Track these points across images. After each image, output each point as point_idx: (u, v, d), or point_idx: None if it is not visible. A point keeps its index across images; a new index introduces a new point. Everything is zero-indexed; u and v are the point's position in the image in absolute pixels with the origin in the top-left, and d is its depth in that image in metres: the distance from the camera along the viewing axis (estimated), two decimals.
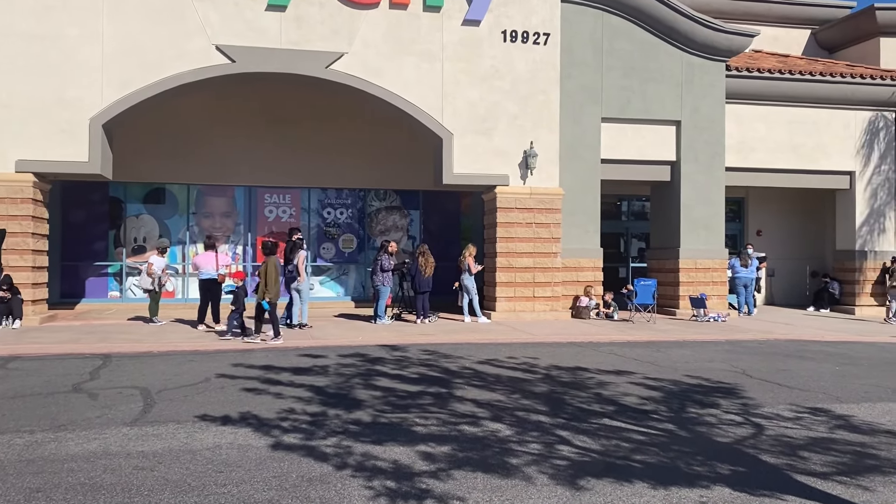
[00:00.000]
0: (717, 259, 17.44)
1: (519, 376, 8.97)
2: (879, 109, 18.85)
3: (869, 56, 19.80)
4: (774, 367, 9.89)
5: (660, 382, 8.69)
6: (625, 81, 16.95)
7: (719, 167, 17.47)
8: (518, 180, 16.00)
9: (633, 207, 21.35)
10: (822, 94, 18.44)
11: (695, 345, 12.24)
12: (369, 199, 19.35)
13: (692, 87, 17.21)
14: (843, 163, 18.84)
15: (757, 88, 18.12)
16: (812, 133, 18.65)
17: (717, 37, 17.06)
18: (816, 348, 12.02)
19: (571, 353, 11.05)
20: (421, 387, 8.22)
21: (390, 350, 10.99)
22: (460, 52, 15.63)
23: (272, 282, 11.37)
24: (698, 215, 17.37)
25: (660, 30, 17.01)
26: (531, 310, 16.00)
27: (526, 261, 16.01)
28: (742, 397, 7.91)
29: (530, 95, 15.98)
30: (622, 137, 17.16)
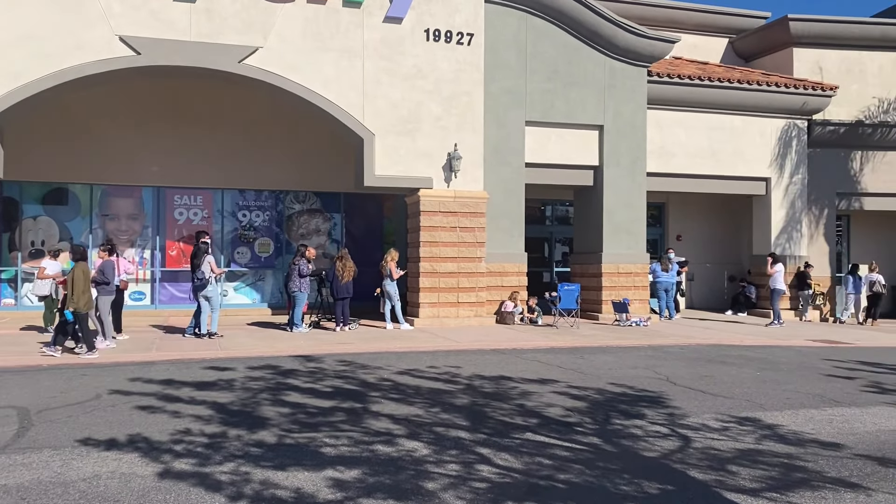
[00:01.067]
0: (639, 263, 17.48)
1: (440, 387, 8.53)
2: (792, 118, 19.35)
3: (783, 65, 20.32)
4: (697, 374, 9.78)
5: (584, 391, 8.41)
6: (549, 85, 16.81)
7: (641, 172, 17.53)
8: (442, 183, 15.60)
9: (558, 212, 21.29)
10: (739, 102, 18.79)
11: (618, 350, 12.09)
12: (288, 201, 18.59)
13: (615, 91, 17.22)
14: (760, 169, 19.25)
15: (677, 94, 18.31)
16: (730, 140, 18.97)
17: (640, 42, 17.12)
18: (737, 353, 12.04)
19: (495, 360, 10.69)
20: (334, 402, 7.68)
21: (304, 361, 10.37)
22: (382, 51, 15.14)
23: (79, 290, 10.39)
24: (621, 220, 17.37)
25: (583, 33, 16.95)
26: (455, 316, 15.62)
27: (450, 265, 15.62)
28: (668, 406, 7.69)
29: (454, 96, 15.62)
30: (546, 141, 17.01)
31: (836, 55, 20.25)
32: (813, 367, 10.61)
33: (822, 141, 19.61)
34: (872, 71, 20.40)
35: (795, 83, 19.16)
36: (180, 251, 17.55)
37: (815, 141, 19.55)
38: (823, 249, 19.93)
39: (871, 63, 20.39)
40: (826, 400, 8.11)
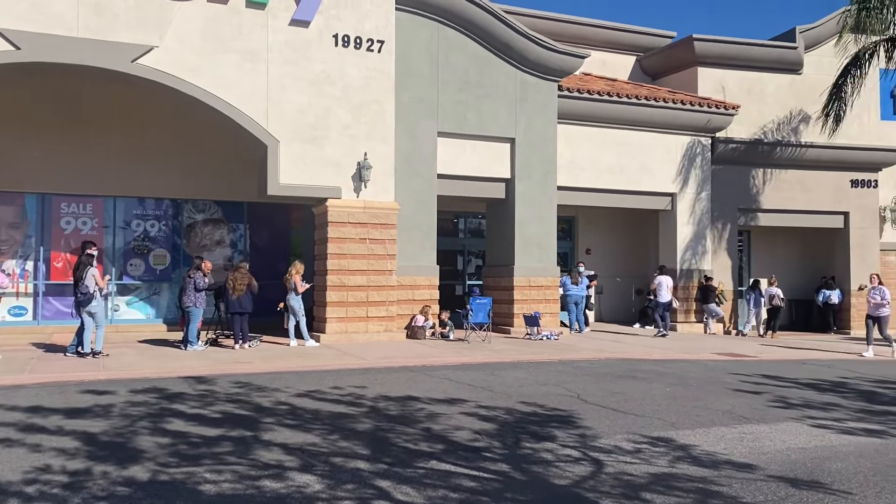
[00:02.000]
0: (549, 277, 17.40)
1: (341, 411, 7.97)
2: (697, 135, 19.81)
3: (688, 84, 20.82)
4: (608, 390, 9.58)
5: (494, 412, 8.03)
6: (461, 96, 16.55)
7: (552, 186, 17.49)
8: (351, 193, 15.04)
9: (471, 224, 21.06)
10: (646, 118, 19.08)
11: (529, 366, 11.82)
12: (187, 210, 17.56)
13: (526, 105, 17.14)
14: (666, 185, 19.58)
15: (587, 110, 18.41)
16: (637, 155, 19.22)
17: (551, 56, 17.11)
18: (646, 367, 11.99)
19: (403, 379, 10.20)
20: (222, 429, 7.00)
21: (195, 383, 9.59)
22: (288, 54, 14.49)
23: None
24: (532, 233, 17.26)
25: (495, 45, 16.80)
26: (364, 331, 15.04)
27: (359, 279, 15.05)
28: (579, 427, 7.40)
29: (364, 104, 15.12)
30: (459, 153, 16.73)
31: (737, 75, 20.90)
32: (720, 382, 10.62)
33: (725, 158, 20.17)
34: (771, 91, 21.17)
35: (700, 101, 19.64)
36: (67, 263, 16.25)
37: (718, 158, 20.08)
38: (726, 264, 20.45)
39: (769, 84, 21.15)
40: (736, 417, 8.03)
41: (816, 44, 21.39)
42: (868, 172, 21.20)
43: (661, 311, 18.08)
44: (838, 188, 20.97)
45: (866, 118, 21.67)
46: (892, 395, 9.84)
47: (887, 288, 15.47)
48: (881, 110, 22.14)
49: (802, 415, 8.22)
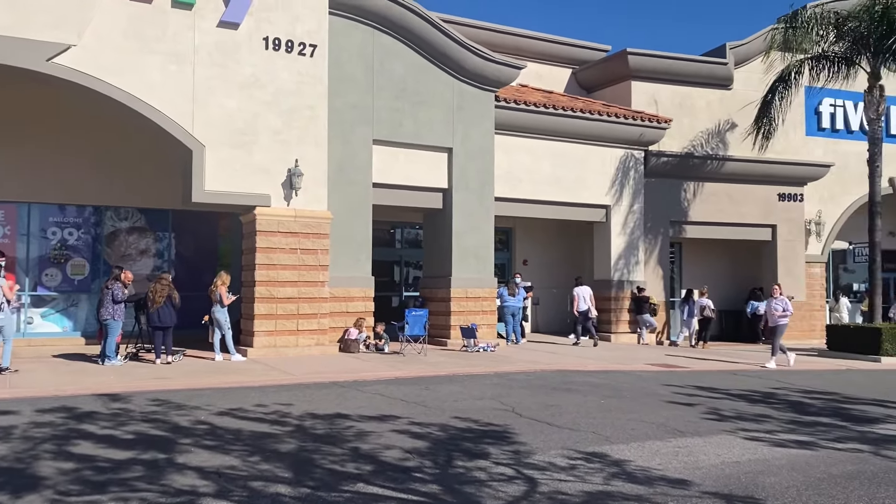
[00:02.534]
0: (487, 288, 17.25)
1: (265, 430, 7.54)
2: (630, 148, 20.02)
3: (622, 97, 21.06)
4: (543, 403, 9.41)
5: (426, 428, 7.73)
6: (397, 104, 16.29)
7: (489, 196, 17.37)
8: (281, 201, 14.57)
9: (409, 235, 20.77)
10: (581, 131, 19.18)
11: (465, 379, 11.58)
12: (108, 217, 16.73)
13: (464, 114, 16.99)
14: (600, 197, 19.72)
15: (524, 121, 18.40)
16: (573, 167, 19.30)
17: (488, 66, 17.02)
18: (581, 379, 11.89)
19: (333, 395, 9.81)
20: (134, 452, 6.50)
21: (109, 401, 8.99)
22: (216, 57, 13.96)
23: None
24: (469, 244, 17.08)
25: (431, 53, 16.61)
26: (294, 344, 14.54)
27: (289, 290, 14.56)
28: (513, 443, 7.17)
29: (295, 109, 14.69)
30: (395, 161, 16.44)
31: (669, 90, 21.26)
32: (654, 394, 10.58)
33: (657, 171, 20.44)
34: (702, 106, 21.61)
35: (633, 115, 19.87)
36: None
37: (650, 171, 20.34)
38: (658, 275, 20.70)
39: (700, 99, 21.59)
40: (670, 430, 7.94)
41: (746, 60, 21.95)
42: (794, 187, 21.82)
43: (581, 320, 18.49)
44: (766, 202, 21.51)
45: (793, 134, 22.35)
46: (820, 406, 9.96)
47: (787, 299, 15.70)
48: (806, 126, 22.89)
49: (735, 427, 8.19)
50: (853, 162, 22.38)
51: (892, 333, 16.57)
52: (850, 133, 23.29)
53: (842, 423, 8.64)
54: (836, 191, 22.74)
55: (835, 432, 8.03)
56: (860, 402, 10.38)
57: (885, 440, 7.69)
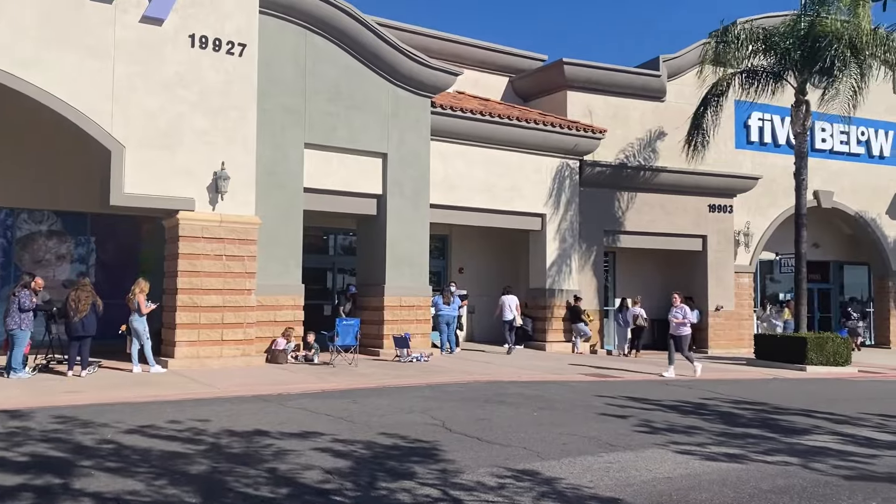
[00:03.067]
0: (421, 296, 16.95)
1: (176, 449, 7.04)
2: (566, 157, 20.06)
3: (558, 107, 21.11)
4: (475, 417, 9.14)
5: (351, 446, 7.35)
6: (330, 107, 15.87)
7: (424, 203, 17.09)
8: (206, 206, 13.97)
9: (342, 242, 20.28)
10: (518, 139, 19.11)
11: (395, 391, 11.22)
12: (20, 221, 15.76)
13: (399, 119, 16.68)
14: (536, 205, 19.67)
15: (460, 128, 18.20)
16: (509, 175, 19.20)
17: (423, 71, 16.77)
18: (515, 390, 11.68)
19: (254, 410, 9.32)
20: (25, 477, 5.93)
21: (7, 418, 8.29)
22: (138, 54, 13.30)
23: None
24: (404, 251, 16.76)
25: (366, 57, 16.26)
26: (219, 355, 13.93)
27: (214, 298, 13.95)
28: (441, 460, 6.86)
29: (223, 110, 14.12)
30: (327, 166, 16.01)
31: (604, 100, 21.43)
32: (587, 405, 10.44)
33: (592, 181, 20.53)
34: (636, 117, 21.85)
35: (569, 125, 19.92)
36: None
37: (585, 180, 20.41)
38: (592, 283, 20.77)
39: (634, 110, 21.83)
40: (602, 444, 7.76)
41: (678, 73, 22.31)
42: (725, 198, 22.24)
43: (506, 329, 18.58)
44: (698, 212, 21.86)
45: (723, 146, 22.81)
46: (749, 416, 9.99)
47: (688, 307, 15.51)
48: (736, 139, 23.42)
49: (667, 440, 8.08)
50: (780, 175, 22.99)
51: (816, 343, 16.97)
52: (778, 147, 23.93)
53: (771, 434, 8.64)
54: (764, 203, 23.31)
55: (764, 444, 8.01)
56: (788, 412, 10.47)
57: (813, 452, 7.69)
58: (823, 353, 16.91)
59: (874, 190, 25.28)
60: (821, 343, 17.02)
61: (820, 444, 8.09)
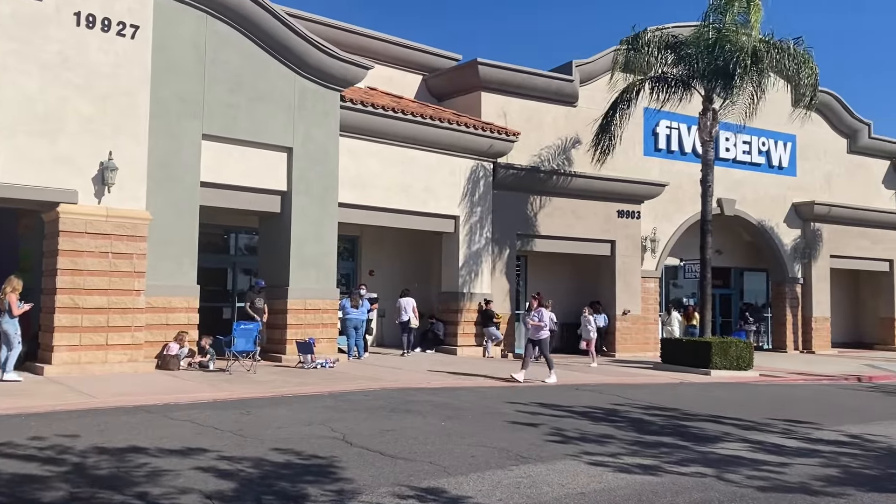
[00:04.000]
0: (328, 299, 16.20)
1: (32, 472, 6.14)
2: (480, 159, 19.74)
3: (472, 108, 20.77)
4: (379, 428, 8.54)
5: (238, 464, 6.63)
6: (232, 97, 14.94)
7: (333, 202, 16.35)
8: (92, 198, 12.85)
9: (245, 241, 19.25)
10: (432, 139, 18.65)
11: (295, 401, 10.49)
12: None
13: (305, 113, 15.90)
14: (449, 207, 19.26)
15: (372, 125, 17.58)
16: (423, 176, 18.72)
17: (332, 63, 16.05)
18: (423, 398, 11.14)
19: (134, 423, 8.42)
20: None
21: None
22: (13, 30, 12.10)
23: None
24: (310, 252, 15.97)
25: (271, 46, 15.41)
26: (103, 361, 12.81)
27: (98, 299, 12.82)
28: (338, 479, 6.24)
29: (111, 96, 13.03)
30: (228, 159, 15.06)
31: (519, 103, 21.25)
32: (498, 413, 10.02)
33: (506, 184, 20.29)
34: (549, 121, 21.78)
35: (483, 126, 19.61)
36: None
37: (499, 183, 20.15)
38: (504, 287, 20.52)
39: (547, 114, 21.76)
40: (512, 456, 7.32)
41: (591, 78, 22.40)
42: (633, 204, 22.45)
43: (402, 331, 18.37)
44: (607, 218, 21.97)
45: (632, 153, 23.06)
46: (661, 423, 9.80)
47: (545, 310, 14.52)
48: (644, 146, 23.73)
49: (579, 450, 7.73)
50: (686, 182, 23.43)
51: (721, 347, 17.22)
52: (684, 155, 24.41)
53: (683, 442, 8.43)
54: (671, 209, 23.71)
55: (678, 454, 7.76)
56: (698, 418, 10.37)
57: (726, 462, 7.49)
58: (727, 357, 17.18)
59: (773, 199, 26.18)
60: (725, 348, 17.30)
61: (732, 453, 7.92)
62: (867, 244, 27.88)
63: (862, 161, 28.66)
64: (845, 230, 27.24)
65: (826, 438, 9.07)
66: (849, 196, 27.78)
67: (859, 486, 6.66)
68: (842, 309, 28.48)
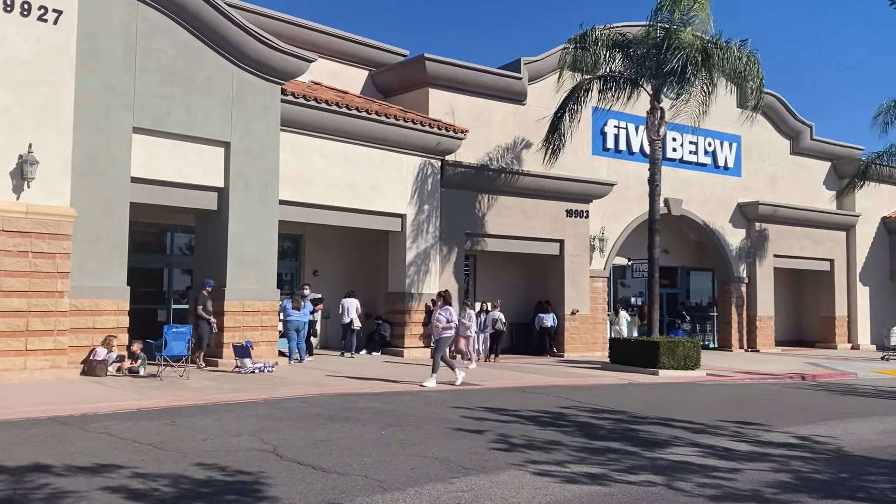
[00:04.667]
0: (268, 301, 15.56)
1: None
2: (428, 156, 19.30)
3: (420, 104, 20.32)
4: (314, 438, 8.03)
5: (153, 482, 6.05)
6: (165, 88, 14.20)
7: (273, 199, 15.72)
8: (9, 194, 12.02)
9: (183, 240, 18.43)
10: (378, 135, 18.15)
11: (226, 410, 9.88)
12: None
13: (244, 105, 15.23)
14: (397, 205, 18.78)
15: (316, 119, 17.00)
16: (368, 173, 18.20)
17: (273, 55, 15.43)
18: (363, 404, 10.64)
19: (44, 437, 7.73)
20: None
21: None
22: None
23: None
24: (249, 251, 15.32)
25: (208, 35, 14.72)
26: (22, 367, 11.98)
27: (16, 302, 11.98)
28: (263, 498, 5.73)
29: (31, 84, 12.20)
30: (160, 154, 14.32)
31: (467, 100, 20.89)
32: (442, 419, 9.59)
33: (454, 182, 19.90)
34: (497, 119, 21.48)
35: (430, 122, 19.19)
36: None
37: (447, 181, 19.75)
38: (453, 287, 20.08)
39: (496, 112, 21.45)
40: (454, 467, 6.89)
41: (539, 77, 22.17)
42: (581, 203, 22.32)
43: (345, 333, 18.14)
44: (556, 217, 21.78)
45: (580, 152, 22.93)
46: (609, 428, 9.51)
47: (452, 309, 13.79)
48: (592, 146, 23.61)
49: (525, 459, 7.35)
50: (633, 182, 23.42)
51: (668, 347, 17.13)
52: (632, 154, 24.39)
53: (632, 448, 8.13)
54: (619, 209, 23.65)
55: (626, 461, 7.45)
56: (646, 420, 10.11)
57: (676, 468, 7.21)
58: (675, 357, 17.10)
59: (719, 199, 26.39)
60: (672, 347, 17.22)
61: (682, 459, 7.65)
62: (810, 244, 28.37)
63: (804, 162, 29.15)
64: (789, 230, 27.66)
65: (776, 441, 8.89)
66: (792, 197, 28.22)
67: (812, 493, 6.44)
68: (784, 308, 28.92)
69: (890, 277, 30.57)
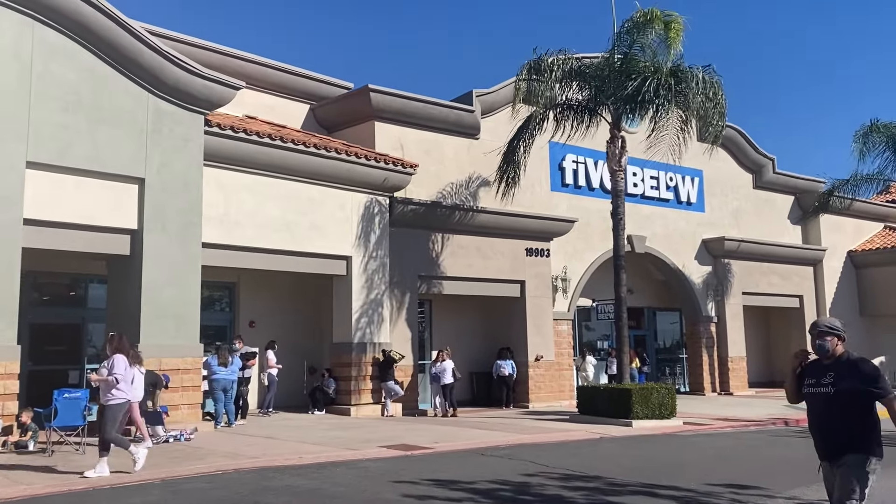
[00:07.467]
0: (189, 357, 13.65)
1: None
2: (374, 193, 17.76)
3: (366, 139, 18.85)
4: None
5: None
6: (67, 118, 12.48)
7: (195, 241, 13.94)
8: None
9: (99, 290, 16.43)
10: (318, 170, 16.57)
11: (108, 497, 7.97)
12: None
13: (161, 138, 13.55)
14: (341, 247, 17.11)
15: (247, 153, 15.36)
16: (308, 212, 16.54)
17: (194, 81, 13.83)
18: (284, 482, 8.79)
19: None
20: None
21: None
22: None
23: None
24: (167, 300, 13.45)
25: (117, 60, 13.08)
26: None
27: None
28: None
29: None
30: (61, 192, 12.52)
31: (416, 134, 19.50)
32: (375, 501, 7.81)
33: (405, 220, 18.35)
34: (450, 154, 20.11)
35: (377, 156, 17.70)
36: None
37: (397, 220, 18.19)
38: (406, 335, 18.41)
39: (448, 146, 20.09)
40: None
41: (493, 110, 20.96)
42: (542, 241, 20.94)
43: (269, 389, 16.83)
44: (515, 256, 20.33)
45: (539, 188, 21.65)
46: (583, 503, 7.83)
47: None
48: (551, 182, 22.34)
49: None
50: (595, 218, 22.18)
51: (642, 395, 15.58)
52: (592, 190, 23.18)
53: None
54: (580, 246, 22.32)
55: None
56: (626, 489, 8.47)
57: None
58: (649, 405, 15.55)
59: (683, 235, 25.28)
60: (646, 395, 15.68)
61: None
62: (777, 280, 27.38)
63: (768, 196, 28.35)
64: (755, 266, 26.64)
65: None
66: (757, 231, 27.28)
67: None
68: (755, 347, 27.76)
69: (860, 312, 29.67)
